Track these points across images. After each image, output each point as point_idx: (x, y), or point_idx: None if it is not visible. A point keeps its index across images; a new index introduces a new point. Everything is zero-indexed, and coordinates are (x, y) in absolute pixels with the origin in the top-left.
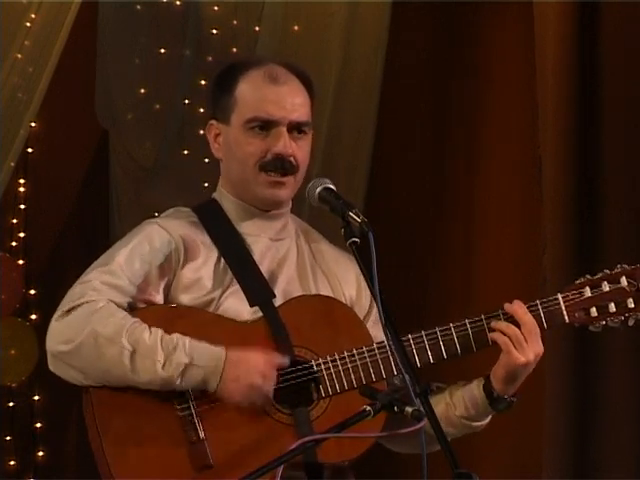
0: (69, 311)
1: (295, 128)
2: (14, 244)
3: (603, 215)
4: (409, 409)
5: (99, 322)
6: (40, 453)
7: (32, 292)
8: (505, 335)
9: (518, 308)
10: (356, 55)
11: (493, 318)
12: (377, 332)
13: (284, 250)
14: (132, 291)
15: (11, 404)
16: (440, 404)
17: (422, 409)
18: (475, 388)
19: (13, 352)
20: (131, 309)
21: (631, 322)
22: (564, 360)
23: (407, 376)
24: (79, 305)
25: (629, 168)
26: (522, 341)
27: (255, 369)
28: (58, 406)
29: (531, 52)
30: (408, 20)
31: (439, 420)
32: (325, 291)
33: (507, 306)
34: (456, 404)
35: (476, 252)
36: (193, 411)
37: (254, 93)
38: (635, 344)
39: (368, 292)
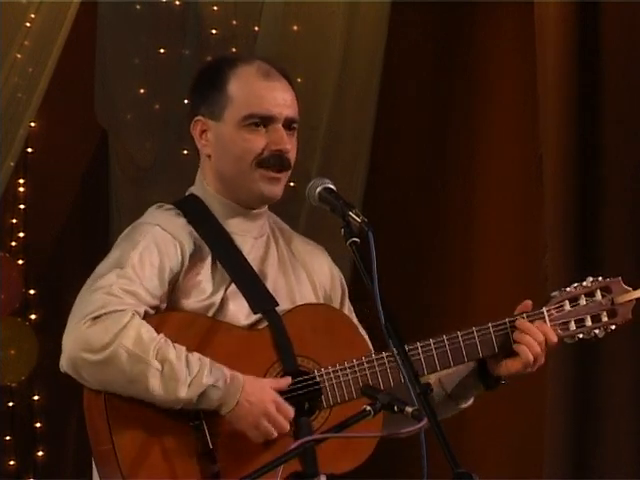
0: (96, 319)
1: (288, 124)
2: (14, 244)
3: (604, 215)
4: (409, 409)
5: (128, 337)
6: (40, 453)
7: (32, 292)
8: (529, 351)
9: (530, 326)
10: (355, 55)
11: (500, 327)
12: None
13: (264, 247)
14: (146, 298)
15: (11, 404)
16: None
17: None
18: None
19: (13, 352)
20: (144, 317)
21: (601, 334)
22: (565, 361)
23: (407, 377)
24: (106, 314)
25: (630, 168)
26: (540, 358)
27: (270, 399)
28: (58, 406)
29: (532, 51)
30: (408, 20)
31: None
32: (304, 283)
33: (520, 323)
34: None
35: (476, 251)
36: (203, 421)
37: (249, 89)
38: (635, 345)
39: (338, 282)
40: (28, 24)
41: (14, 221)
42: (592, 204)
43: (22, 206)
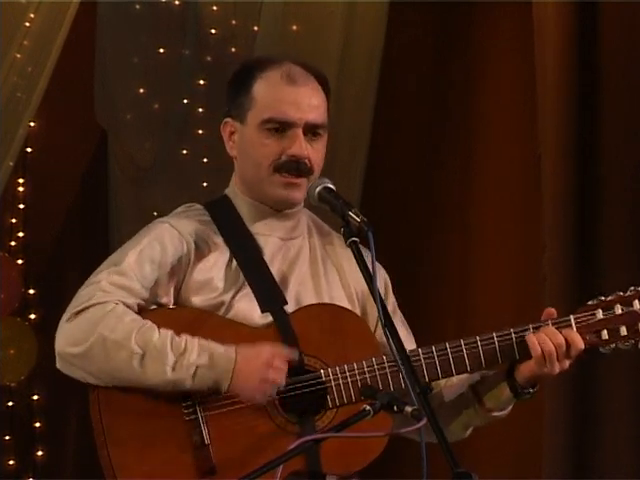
0: (78, 313)
1: (311, 130)
2: (13, 244)
3: (603, 215)
4: (409, 408)
5: (107, 325)
6: (39, 453)
7: (31, 292)
8: (541, 349)
9: (550, 329)
10: (354, 54)
11: (523, 332)
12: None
13: (296, 249)
14: (142, 293)
15: (10, 404)
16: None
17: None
18: (497, 384)
19: (12, 352)
20: (141, 311)
21: None
22: None
23: (407, 376)
24: (88, 307)
25: (629, 167)
26: (554, 359)
27: (265, 364)
28: (57, 405)
29: (531, 51)
30: (406, 19)
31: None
32: (336, 286)
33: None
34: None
35: (475, 251)
36: (199, 416)
37: (271, 93)
38: (634, 348)
39: (382, 282)
40: (27, 24)
41: (14, 221)
42: (591, 204)
43: (22, 206)
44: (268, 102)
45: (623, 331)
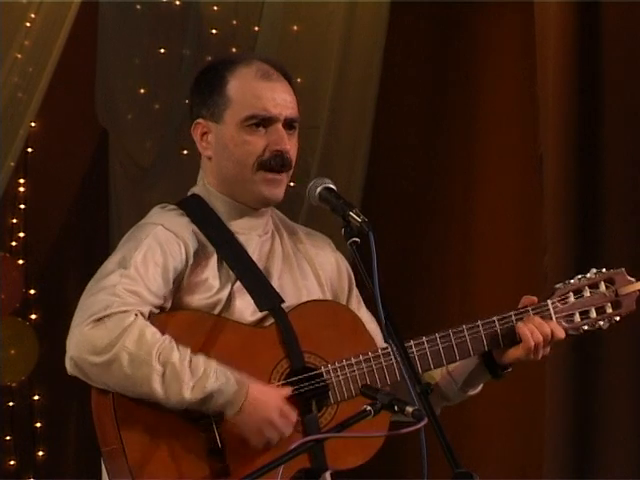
0: (99, 320)
1: (288, 124)
2: (14, 244)
3: (604, 214)
4: (409, 408)
5: (131, 339)
6: (40, 453)
7: (32, 292)
8: (531, 338)
9: (538, 319)
10: (355, 54)
11: (506, 320)
12: (361, 314)
13: (269, 244)
14: (150, 298)
15: (11, 404)
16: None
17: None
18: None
19: (13, 352)
20: (148, 317)
21: (605, 326)
22: (564, 360)
23: (407, 376)
24: (109, 315)
25: (629, 167)
26: (541, 347)
27: (274, 405)
28: (58, 405)
29: (531, 50)
30: (406, 19)
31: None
32: (309, 276)
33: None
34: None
35: (476, 251)
36: (212, 420)
37: (248, 90)
38: (634, 342)
39: (345, 272)
40: (28, 24)
41: (14, 221)
42: (592, 204)
43: (22, 206)
44: (247, 99)
45: (592, 313)
